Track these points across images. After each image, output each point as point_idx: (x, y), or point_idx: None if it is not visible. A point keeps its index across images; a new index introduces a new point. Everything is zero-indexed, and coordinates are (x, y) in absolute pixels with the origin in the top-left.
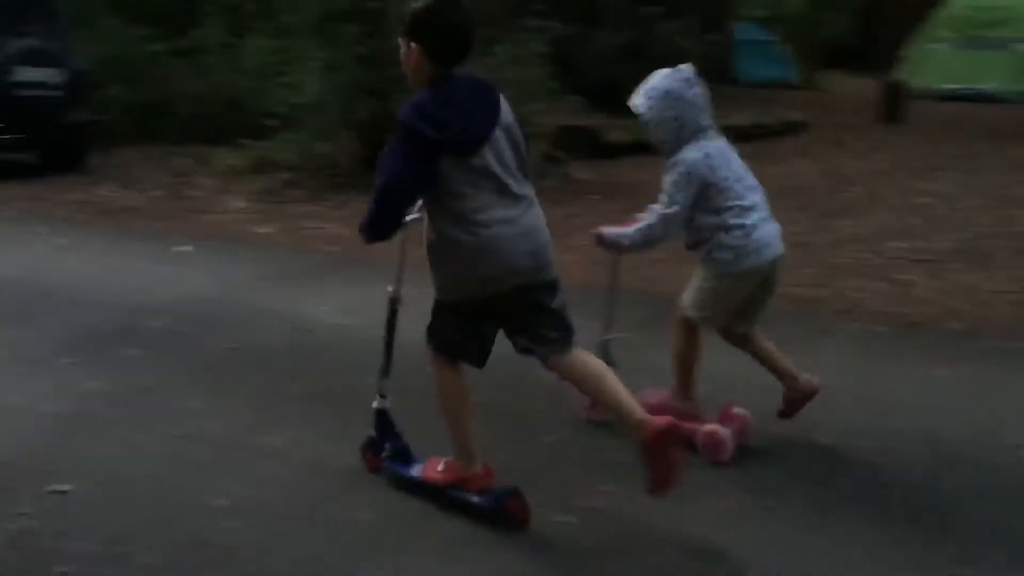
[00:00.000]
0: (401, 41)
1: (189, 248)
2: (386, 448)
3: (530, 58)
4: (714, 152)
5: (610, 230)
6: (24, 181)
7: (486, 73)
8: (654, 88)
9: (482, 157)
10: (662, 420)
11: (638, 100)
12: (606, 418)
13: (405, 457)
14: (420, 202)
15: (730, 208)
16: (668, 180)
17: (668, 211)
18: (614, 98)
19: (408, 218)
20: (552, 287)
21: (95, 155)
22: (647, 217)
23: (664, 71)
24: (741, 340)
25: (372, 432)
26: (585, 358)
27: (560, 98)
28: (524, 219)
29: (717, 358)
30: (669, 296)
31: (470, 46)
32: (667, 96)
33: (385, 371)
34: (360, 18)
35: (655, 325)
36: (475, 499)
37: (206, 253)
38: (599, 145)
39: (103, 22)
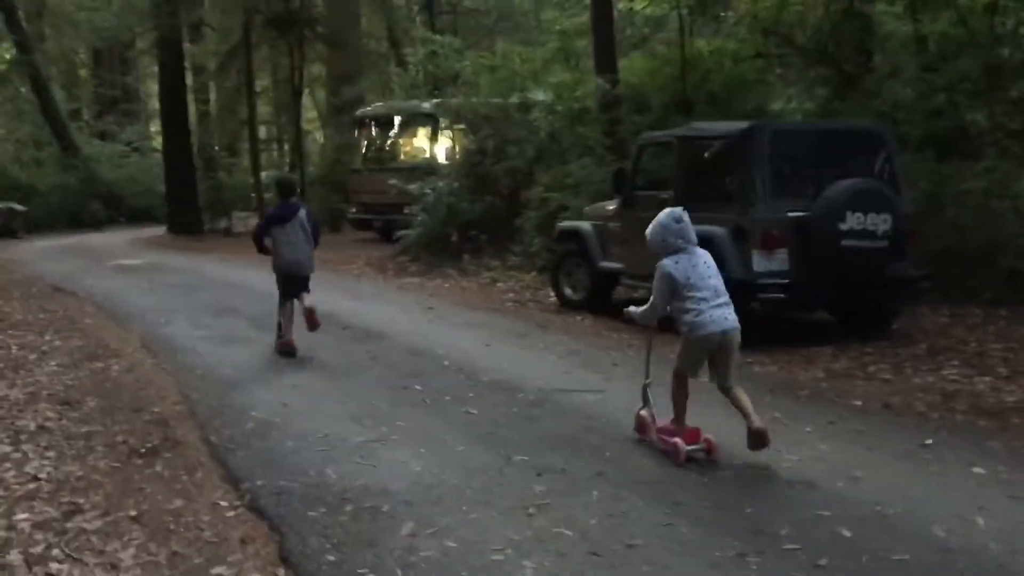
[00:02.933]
0: None
1: None
2: None
3: None
4: (682, 261)
5: (631, 309)
6: (821, 347)
7: None
8: (658, 221)
9: (290, 226)
10: None
11: (648, 229)
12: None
13: None
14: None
15: (690, 297)
16: (654, 278)
17: (653, 301)
18: None
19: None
20: (304, 278)
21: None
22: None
23: (666, 210)
24: (725, 392)
25: None
26: (309, 306)
27: None
28: (297, 249)
29: None
30: None
31: (291, 192)
32: (663, 226)
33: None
34: None
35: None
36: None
37: None
38: None
39: (910, 156)
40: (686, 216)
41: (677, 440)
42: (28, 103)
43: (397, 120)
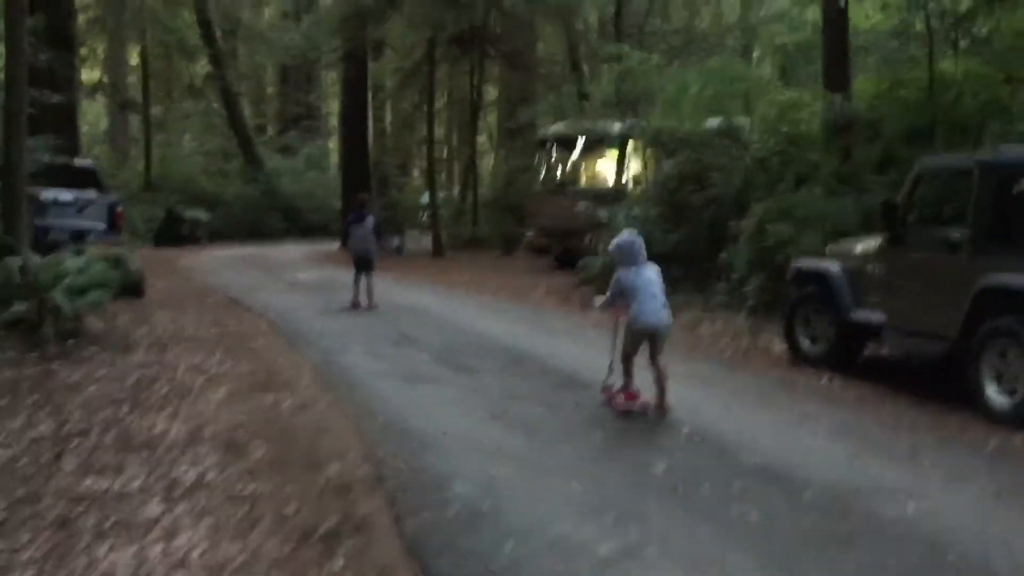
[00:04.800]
0: None
1: None
2: None
3: None
4: (632, 274)
5: (597, 298)
6: None
7: None
8: (618, 240)
9: (360, 226)
10: None
11: (611, 243)
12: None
13: None
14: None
15: (636, 299)
16: (611, 282)
17: (608, 295)
18: None
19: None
20: (370, 260)
21: None
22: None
23: (626, 231)
24: (652, 367)
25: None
26: (371, 282)
27: None
28: (364, 242)
29: None
30: None
31: (361, 206)
32: (620, 245)
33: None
34: None
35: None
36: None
37: None
38: None
39: None
40: (640, 240)
41: (619, 398)
42: (218, 117)
43: (582, 141)
